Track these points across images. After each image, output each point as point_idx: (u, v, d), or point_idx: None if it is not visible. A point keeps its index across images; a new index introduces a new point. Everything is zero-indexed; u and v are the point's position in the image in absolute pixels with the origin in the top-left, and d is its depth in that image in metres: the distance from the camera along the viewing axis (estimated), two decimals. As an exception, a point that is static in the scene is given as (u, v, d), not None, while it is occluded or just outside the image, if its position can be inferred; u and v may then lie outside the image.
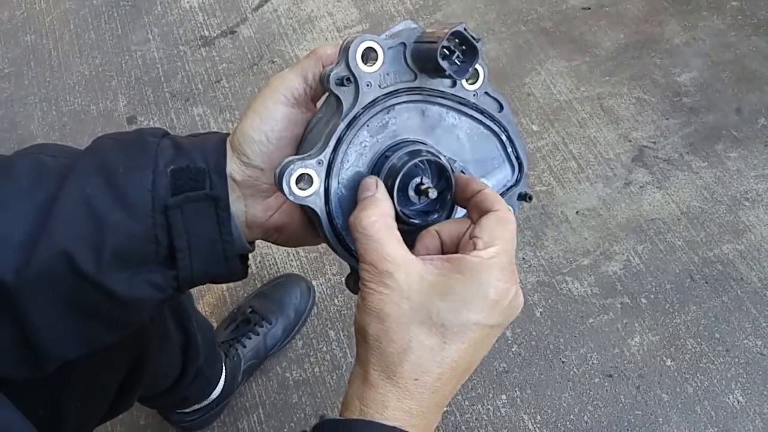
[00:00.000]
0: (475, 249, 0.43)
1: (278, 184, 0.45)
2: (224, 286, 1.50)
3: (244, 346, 1.30)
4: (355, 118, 0.47)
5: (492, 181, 0.53)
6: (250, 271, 1.51)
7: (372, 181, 0.47)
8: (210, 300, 1.49)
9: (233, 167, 0.50)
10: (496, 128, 0.53)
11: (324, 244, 0.55)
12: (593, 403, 1.32)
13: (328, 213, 0.47)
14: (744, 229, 1.51)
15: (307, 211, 0.50)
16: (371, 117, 0.48)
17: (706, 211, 1.54)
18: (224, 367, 1.23)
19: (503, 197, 0.53)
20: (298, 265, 1.51)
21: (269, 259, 1.51)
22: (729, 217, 1.53)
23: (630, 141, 1.66)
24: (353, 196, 0.48)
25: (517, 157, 0.54)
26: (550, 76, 1.79)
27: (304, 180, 0.46)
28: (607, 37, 1.86)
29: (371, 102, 0.47)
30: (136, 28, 1.96)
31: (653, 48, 1.83)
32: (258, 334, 1.32)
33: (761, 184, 1.58)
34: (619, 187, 1.58)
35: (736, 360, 1.34)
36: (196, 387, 1.08)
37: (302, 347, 1.40)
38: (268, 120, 0.49)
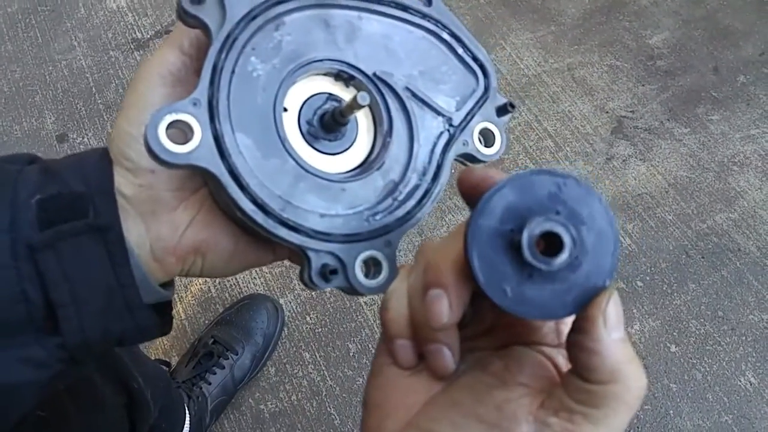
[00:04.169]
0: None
1: (146, 145, 0.32)
2: (183, 313, 1.35)
3: (209, 383, 1.16)
4: (228, 37, 0.35)
5: (453, 93, 0.41)
6: (209, 295, 1.37)
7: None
8: (168, 331, 1.34)
9: (119, 181, 0.37)
10: (432, 26, 0.40)
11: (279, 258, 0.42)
12: (597, 401, 1.21)
13: (231, 171, 0.33)
14: (735, 195, 1.42)
15: (209, 185, 0.37)
16: (253, 35, 0.36)
17: (694, 180, 1.44)
18: (187, 411, 1.08)
19: (477, 112, 0.41)
20: (262, 283, 1.36)
21: (230, 280, 1.36)
22: (719, 185, 1.43)
23: (607, 112, 1.55)
24: (260, 144, 0.35)
25: (475, 59, 0.42)
26: (515, 50, 1.66)
27: (178, 131, 0.33)
28: (571, 3, 1.75)
29: (246, 15, 0.35)
30: (58, 35, 1.77)
31: (620, 11, 1.72)
32: (224, 368, 1.18)
33: (748, 145, 1.48)
34: (601, 163, 1.48)
35: (744, 338, 1.25)
36: (154, 444, 0.94)
37: (275, 374, 1.26)
38: (145, 108, 0.37)
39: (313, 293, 1.34)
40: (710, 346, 1.24)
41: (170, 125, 0.32)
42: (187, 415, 1.08)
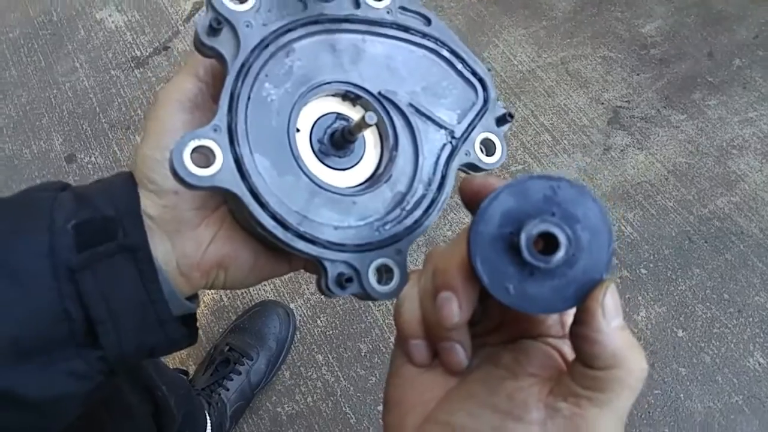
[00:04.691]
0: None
1: (172, 170, 0.35)
2: (198, 323, 1.37)
3: (227, 389, 1.18)
4: (243, 66, 0.37)
5: (454, 107, 0.43)
6: (221, 303, 1.39)
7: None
8: (183, 342, 1.36)
9: (145, 203, 0.40)
10: (431, 45, 0.43)
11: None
12: (608, 388, 1.23)
13: (251, 190, 0.36)
14: (736, 179, 1.43)
15: (229, 203, 0.40)
16: (266, 63, 0.38)
17: (693, 166, 1.46)
18: (208, 417, 1.11)
19: (477, 124, 0.43)
20: (272, 290, 1.39)
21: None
22: (718, 169, 1.45)
23: (602, 103, 1.57)
24: (277, 164, 0.38)
25: (474, 73, 0.44)
26: (508, 46, 1.68)
27: (201, 155, 0.35)
28: (563, -3, 1.77)
29: (259, 44, 0.38)
30: (60, 58, 1.81)
31: (611, 1, 1.74)
32: (240, 374, 1.21)
33: (746, 128, 1.50)
34: (599, 154, 1.49)
35: (750, 319, 1.27)
36: (178, 450, 0.97)
37: (290, 378, 1.29)
38: (165, 135, 0.40)
39: (321, 297, 1.37)
40: (717, 329, 1.26)
41: (194, 150, 0.34)
42: (208, 421, 1.11)
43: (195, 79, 0.40)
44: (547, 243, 0.30)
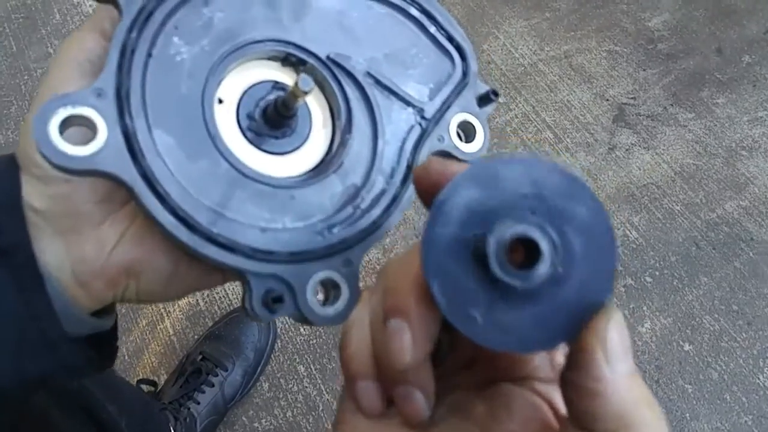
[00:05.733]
0: None
1: (36, 145, 0.26)
2: (171, 329, 1.29)
3: (198, 403, 1.10)
4: (142, 12, 0.29)
5: (425, 80, 0.34)
6: (197, 308, 1.30)
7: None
8: (156, 348, 1.28)
9: (29, 191, 0.31)
10: (397, 1, 0.34)
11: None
12: (609, 405, 1.15)
13: (146, 177, 0.27)
14: (745, 182, 1.35)
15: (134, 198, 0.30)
16: (175, 10, 0.29)
17: (701, 167, 1.38)
18: (174, 435, 1.02)
19: (453, 102, 0.34)
20: (252, 294, 1.30)
21: (219, 292, 1.30)
22: (727, 171, 1.37)
23: (607, 100, 1.48)
24: (185, 144, 0.29)
25: (450, 39, 0.35)
26: (509, 39, 1.60)
27: (75, 127, 0.27)
28: (565, -12, 1.68)
29: None
30: (32, 43, 1.71)
31: (617, -6, 1.66)
32: (213, 385, 1.12)
33: (756, 128, 1.42)
34: (603, 153, 1.41)
35: (761, 333, 1.19)
36: (131, 473, 0.88)
37: (269, 390, 1.20)
38: None
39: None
40: (726, 343, 1.18)
41: (67, 121, 0.26)
42: (173, 439, 1.02)
43: (99, 36, 0.32)
44: (528, 252, 0.22)
